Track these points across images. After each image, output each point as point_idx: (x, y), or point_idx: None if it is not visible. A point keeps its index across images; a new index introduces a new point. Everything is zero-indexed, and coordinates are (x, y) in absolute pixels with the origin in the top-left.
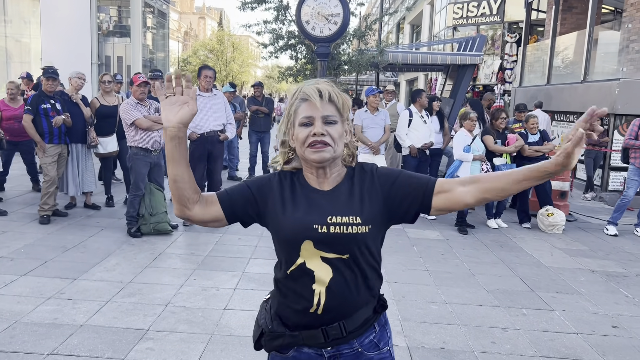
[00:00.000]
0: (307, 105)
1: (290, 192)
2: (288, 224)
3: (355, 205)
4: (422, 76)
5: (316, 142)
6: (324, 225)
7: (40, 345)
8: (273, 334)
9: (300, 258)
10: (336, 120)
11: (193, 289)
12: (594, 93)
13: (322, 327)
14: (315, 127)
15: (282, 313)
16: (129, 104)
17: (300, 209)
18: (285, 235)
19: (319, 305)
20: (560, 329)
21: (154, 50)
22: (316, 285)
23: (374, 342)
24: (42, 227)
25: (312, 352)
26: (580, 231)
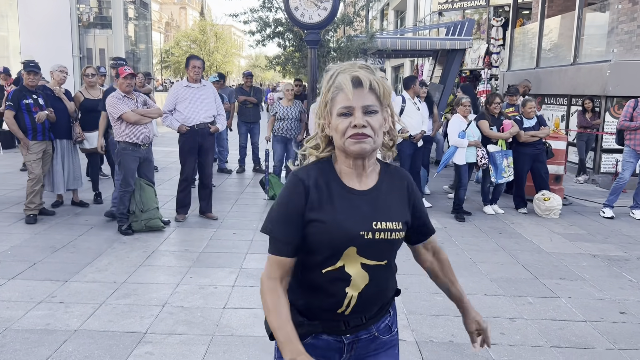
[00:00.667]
0: (345, 95)
1: (327, 191)
2: (334, 229)
3: (396, 209)
4: (408, 62)
5: (357, 133)
6: (370, 231)
7: (32, 353)
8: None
9: (340, 261)
10: (377, 110)
11: (190, 288)
12: (584, 75)
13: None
14: (355, 117)
15: (303, 306)
16: (116, 98)
17: (344, 213)
18: (330, 239)
19: (349, 307)
20: (569, 317)
21: (137, 42)
22: (350, 290)
23: (388, 326)
24: (29, 227)
25: (330, 338)
26: (576, 215)
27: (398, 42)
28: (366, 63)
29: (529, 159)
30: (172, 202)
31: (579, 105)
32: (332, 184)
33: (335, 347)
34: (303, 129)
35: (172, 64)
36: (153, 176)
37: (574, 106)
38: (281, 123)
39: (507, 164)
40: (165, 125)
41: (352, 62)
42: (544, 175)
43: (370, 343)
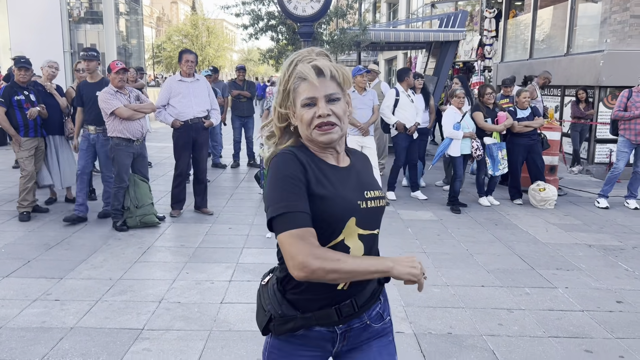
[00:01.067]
0: (308, 85)
1: (319, 170)
2: (337, 202)
3: (373, 180)
4: (401, 55)
5: (322, 123)
6: (364, 200)
7: (29, 351)
8: (284, 318)
9: (341, 235)
10: (339, 97)
11: (187, 283)
12: (577, 66)
13: (336, 307)
14: (319, 108)
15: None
16: (108, 93)
17: (340, 187)
18: (334, 213)
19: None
20: (566, 307)
21: (128, 37)
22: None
23: (380, 313)
24: (23, 225)
25: (323, 329)
26: (571, 205)
27: (392, 34)
28: (323, 49)
29: (524, 149)
30: (167, 198)
31: (572, 95)
32: (317, 162)
33: (328, 337)
34: None
35: (164, 59)
36: (147, 172)
37: (568, 97)
38: None
39: (502, 156)
40: (159, 120)
41: (309, 48)
42: (540, 166)
43: (363, 331)
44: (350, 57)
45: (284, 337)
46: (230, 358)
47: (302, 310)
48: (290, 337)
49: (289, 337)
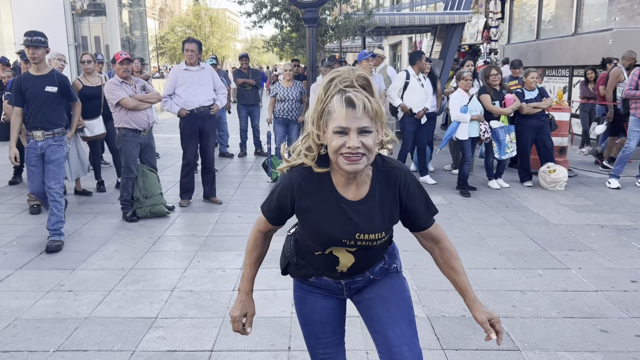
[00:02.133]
0: (340, 115)
1: (317, 199)
2: (316, 234)
3: (380, 221)
4: (406, 39)
5: (351, 154)
6: (352, 240)
7: (44, 341)
8: (298, 265)
9: (327, 250)
10: (371, 130)
11: (198, 272)
12: (586, 45)
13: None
14: (350, 139)
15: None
16: (113, 84)
17: (330, 221)
18: (315, 240)
19: (342, 273)
20: (580, 287)
21: (132, 29)
22: (339, 267)
23: (384, 268)
24: (33, 217)
25: (330, 280)
26: (582, 186)
27: (397, 18)
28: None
29: (533, 131)
30: (175, 188)
31: (581, 76)
32: (325, 192)
33: (335, 287)
34: (304, 110)
35: (168, 50)
36: (155, 162)
37: (576, 77)
38: (282, 104)
39: (509, 140)
40: (165, 110)
41: (349, 68)
42: (549, 147)
43: (367, 283)
44: (354, 43)
45: (302, 281)
46: (244, 344)
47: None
48: (305, 283)
49: (305, 281)
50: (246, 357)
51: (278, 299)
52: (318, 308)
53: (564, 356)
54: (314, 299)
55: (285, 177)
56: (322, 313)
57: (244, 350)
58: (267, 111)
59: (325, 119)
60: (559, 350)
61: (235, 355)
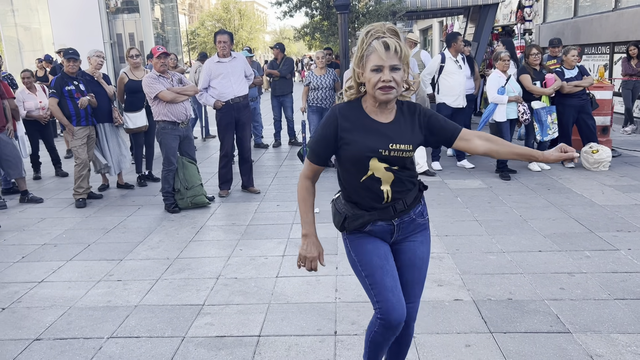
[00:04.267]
0: (377, 56)
1: (356, 124)
2: (358, 149)
3: (408, 136)
4: (436, 23)
5: (385, 86)
6: (386, 149)
7: (98, 329)
8: (355, 215)
9: (370, 170)
10: (399, 67)
11: (241, 260)
12: (627, 20)
13: (392, 204)
14: (384, 74)
15: (359, 204)
16: (151, 77)
17: (367, 136)
18: (354, 156)
19: (388, 197)
20: (630, 268)
21: (164, 24)
22: (384, 186)
23: (420, 212)
24: (80, 211)
25: (384, 223)
26: (627, 166)
27: (428, 1)
28: (393, 25)
29: (574, 110)
30: (214, 179)
31: (622, 52)
32: (360, 117)
33: (387, 229)
34: (337, 98)
35: (199, 45)
36: (194, 153)
37: (617, 54)
38: (315, 93)
39: (551, 121)
40: (201, 102)
41: (381, 23)
42: (592, 127)
43: (410, 224)
44: None
45: (357, 232)
46: (290, 329)
47: (366, 210)
48: (362, 233)
49: (360, 232)
50: (293, 342)
51: (321, 284)
52: (379, 244)
53: (618, 338)
54: (373, 239)
55: (328, 113)
56: (383, 248)
57: (291, 335)
58: (300, 100)
59: (364, 61)
60: (612, 332)
61: (283, 340)
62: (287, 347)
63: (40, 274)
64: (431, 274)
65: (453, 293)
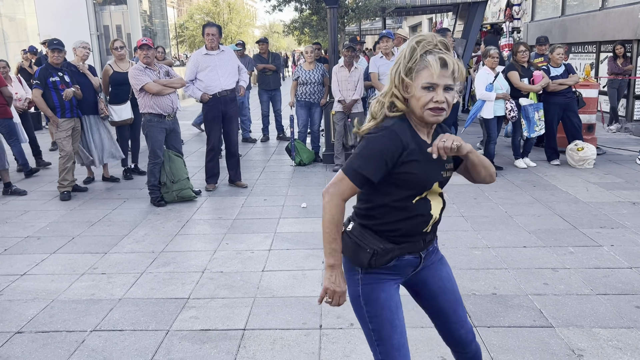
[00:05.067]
0: (431, 72)
1: (416, 144)
2: (425, 177)
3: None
4: (426, 20)
5: (437, 107)
6: (445, 170)
7: (81, 322)
8: (385, 250)
9: (425, 192)
10: (453, 88)
11: (227, 254)
12: (614, 20)
13: (422, 237)
14: (437, 94)
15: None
16: (137, 69)
17: (427, 162)
18: (422, 182)
19: (433, 223)
20: (613, 264)
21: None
22: (433, 211)
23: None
24: (64, 204)
25: (411, 257)
26: (611, 164)
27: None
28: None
29: (559, 108)
30: (201, 174)
31: (608, 52)
32: (417, 139)
33: (413, 263)
34: (326, 93)
35: (187, 38)
36: (181, 147)
37: (604, 53)
38: (304, 88)
39: (538, 117)
40: (188, 95)
41: (432, 34)
42: (577, 125)
43: (432, 254)
44: (374, 26)
45: (375, 271)
46: (276, 323)
47: (397, 243)
48: (381, 269)
49: (380, 269)
50: (278, 335)
51: (307, 279)
52: (392, 293)
53: (599, 332)
54: (388, 284)
55: (385, 134)
56: (395, 297)
57: (276, 329)
58: (289, 95)
59: (412, 75)
60: (594, 327)
61: (268, 334)
62: (272, 341)
63: (23, 267)
64: None
65: None
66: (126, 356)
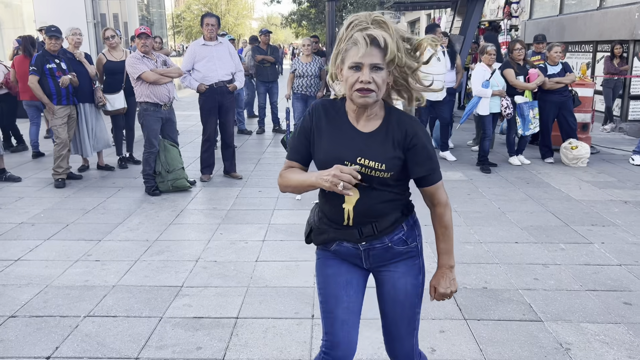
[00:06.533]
0: (357, 50)
1: (332, 125)
2: (325, 153)
3: (383, 153)
4: (424, 16)
5: (362, 88)
6: (352, 162)
7: (75, 307)
8: (319, 229)
9: None
10: (382, 67)
11: (221, 243)
12: (611, 20)
13: (358, 227)
14: (363, 74)
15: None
16: (135, 58)
17: (338, 143)
18: (321, 161)
19: (349, 219)
20: (602, 261)
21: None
22: (345, 205)
23: (403, 239)
24: (59, 191)
25: (350, 245)
26: (604, 163)
27: None
28: (382, 15)
29: (555, 106)
30: (196, 164)
31: (605, 51)
32: (339, 119)
33: (354, 253)
34: (323, 86)
35: (184, 28)
36: (176, 137)
37: (600, 52)
38: (301, 80)
39: (533, 115)
40: (185, 85)
41: (367, 13)
42: (572, 123)
43: (385, 252)
44: None
45: (324, 248)
46: (268, 312)
47: (329, 226)
48: (328, 250)
49: (326, 249)
50: (271, 324)
51: (300, 269)
52: (343, 270)
53: (587, 327)
54: (338, 262)
55: (312, 106)
56: (346, 275)
57: (269, 318)
58: (286, 87)
59: (342, 56)
60: (582, 322)
61: (260, 322)
62: (265, 329)
63: (17, 252)
64: None
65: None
66: (120, 341)
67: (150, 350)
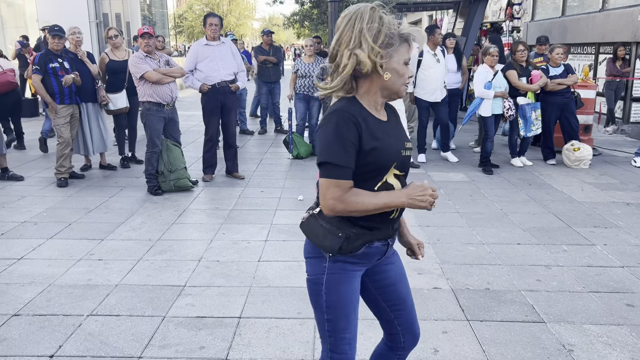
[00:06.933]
0: (409, 48)
1: (367, 124)
2: (386, 151)
3: (405, 131)
4: (426, 17)
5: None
6: (404, 149)
7: (78, 306)
8: (357, 234)
9: (384, 177)
10: None
11: (224, 243)
12: (614, 21)
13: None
14: (409, 70)
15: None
16: (137, 57)
17: (387, 139)
18: (382, 160)
19: (397, 211)
20: (605, 263)
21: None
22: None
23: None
24: (61, 190)
25: (379, 244)
26: (607, 165)
27: None
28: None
29: (557, 108)
30: (198, 164)
31: (607, 53)
32: (367, 116)
33: (381, 250)
34: None
35: (186, 28)
36: (179, 136)
37: (602, 54)
38: (303, 80)
39: (535, 117)
40: (187, 85)
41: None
42: (574, 125)
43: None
44: None
45: (342, 259)
46: (271, 312)
47: (368, 229)
48: (350, 257)
49: (348, 257)
50: (273, 324)
51: (303, 270)
52: (355, 286)
53: (590, 329)
54: (351, 277)
55: (336, 113)
56: (356, 292)
57: (272, 317)
58: (288, 88)
59: (390, 52)
60: (585, 323)
61: (263, 322)
62: (267, 329)
63: (20, 251)
64: (412, 262)
65: (432, 281)
66: (122, 340)
67: (153, 349)
